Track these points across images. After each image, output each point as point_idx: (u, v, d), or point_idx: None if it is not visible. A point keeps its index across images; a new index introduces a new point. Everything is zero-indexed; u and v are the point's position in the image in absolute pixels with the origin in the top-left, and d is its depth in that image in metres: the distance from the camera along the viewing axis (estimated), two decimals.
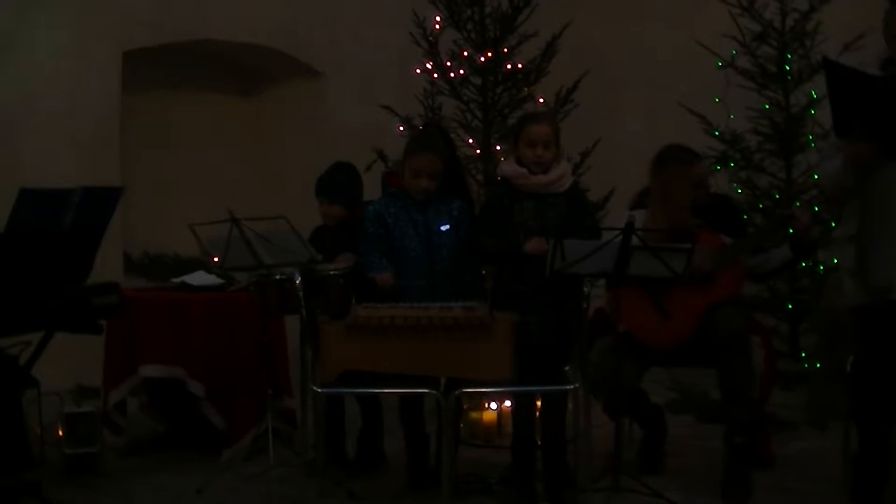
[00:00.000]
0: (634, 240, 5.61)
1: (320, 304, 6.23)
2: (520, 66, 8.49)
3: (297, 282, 6.23)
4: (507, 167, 6.44)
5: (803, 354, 8.73)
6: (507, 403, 7.24)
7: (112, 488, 6.60)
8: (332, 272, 6.44)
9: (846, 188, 5.59)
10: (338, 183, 7.04)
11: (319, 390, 5.74)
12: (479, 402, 7.46)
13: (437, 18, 8.64)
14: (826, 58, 5.57)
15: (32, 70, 9.12)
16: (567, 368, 5.90)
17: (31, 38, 9.13)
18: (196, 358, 7.01)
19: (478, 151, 8.36)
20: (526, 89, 8.48)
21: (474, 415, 7.50)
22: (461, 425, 7.32)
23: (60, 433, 6.86)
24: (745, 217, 8.01)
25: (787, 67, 8.99)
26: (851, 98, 5.33)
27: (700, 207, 6.50)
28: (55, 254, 5.58)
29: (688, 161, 6.60)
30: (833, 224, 8.06)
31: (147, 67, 10.09)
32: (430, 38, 8.59)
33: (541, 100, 8.45)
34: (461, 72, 8.52)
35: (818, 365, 8.41)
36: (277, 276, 6.47)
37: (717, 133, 9.14)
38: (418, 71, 8.69)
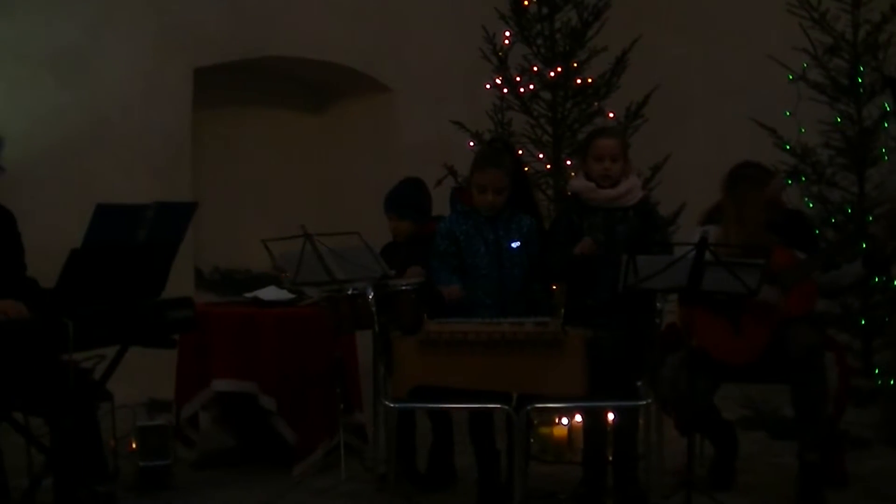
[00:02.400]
0: (708, 255, 5.59)
1: (392, 319, 6.26)
2: (589, 80, 8.46)
3: (370, 297, 6.25)
4: (577, 182, 6.46)
5: (877, 371, 8.64)
6: (578, 419, 7.21)
7: (184, 501, 6.65)
8: (403, 287, 6.45)
9: None
10: (407, 198, 7.06)
11: (392, 405, 5.75)
12: (549, 417, 7.44)
13: (507, 33, 8.64)
14: (888, 76, 5.54)
15: (105, 88, 9.26)
16: (639, 384, 5.88)
17: (104, 58, 9.28)
18: (268, 372, 7.03)
19: (548, 166, 8.34)
20: (596, 104, 8.45)
21: (545, 430, 7.47)
22: (531, 441, 7.29)
23: (134, 446, 6.91)
24: (817, 232, 7.94)
25: (860, 80, 8.90)
26: None
27: (774, 224, 6.46)
28: (130, 269, 5.63)
29: (762, 181, 6.55)
30: None
31: (217, 84, 10.17)
32: (500, 54, 8.59)
33: (611, 115, 8.42)
34: (531, 87, 8.51)
35: (892, 381, 8.32)
36: (350, 292, 6.49)
37: (788, 147, 9.06)
38: (488, 86, 8.68)
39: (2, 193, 5.99)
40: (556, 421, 7.46)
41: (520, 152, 7.48)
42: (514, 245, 6.41)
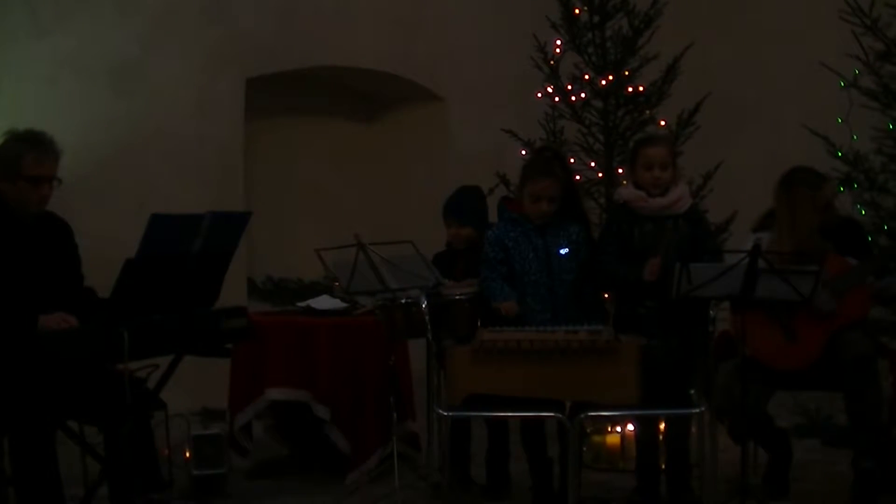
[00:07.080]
0: (761, 262, 5.58)
1: (446, 327, 6.27)
2: (641, 88, 8.43)
3: (424, 306, 6.27)
4: (626, 191, 6.46)
5: None
6: (630, 427, 7.20)
7: None
8: (457, 296, 6.47)
9: None
10: (468, 205, 7.06)
11: (445, 413, 5.76)
12: (602, 425, 7.42)
13: (558, 42, 8.62)
14: None
15: (159, 99, 9.30)
16: (692, 392, 5.87)
17: (159, 67, 9.32)
18: (321, 381, 7.05)
19: (600, 175, 8.32)
20: (647, 112, 8.41)
21: (597, 438, 7.47)
22: (584, 449, 7.29)
23: (188, 455, 6.97)
24: (870, 239, 7.89)
25: None
26: None
27: (828, 230, 6.44)
28: (185, 278, 5.66)
29: (815, 184, 6.52)
30: None
31: (269, 94, 10.21)
32: (551, 62, 8.57)
33: (662, 122, 8.39)
34: (582, 95, 8.48)
35: None
36: (403, 300, 6.51)
37: (840, 154, 8.99)
38: (539, 95, 8.67)
39: (58, 204, 6.03)
40: (609, 429, 7.45)
41: (571, 161, 7.47)
42: (562, 252, 6.42)
